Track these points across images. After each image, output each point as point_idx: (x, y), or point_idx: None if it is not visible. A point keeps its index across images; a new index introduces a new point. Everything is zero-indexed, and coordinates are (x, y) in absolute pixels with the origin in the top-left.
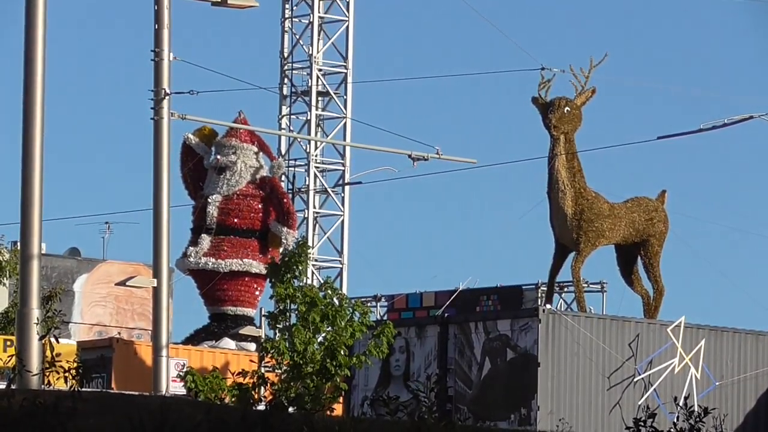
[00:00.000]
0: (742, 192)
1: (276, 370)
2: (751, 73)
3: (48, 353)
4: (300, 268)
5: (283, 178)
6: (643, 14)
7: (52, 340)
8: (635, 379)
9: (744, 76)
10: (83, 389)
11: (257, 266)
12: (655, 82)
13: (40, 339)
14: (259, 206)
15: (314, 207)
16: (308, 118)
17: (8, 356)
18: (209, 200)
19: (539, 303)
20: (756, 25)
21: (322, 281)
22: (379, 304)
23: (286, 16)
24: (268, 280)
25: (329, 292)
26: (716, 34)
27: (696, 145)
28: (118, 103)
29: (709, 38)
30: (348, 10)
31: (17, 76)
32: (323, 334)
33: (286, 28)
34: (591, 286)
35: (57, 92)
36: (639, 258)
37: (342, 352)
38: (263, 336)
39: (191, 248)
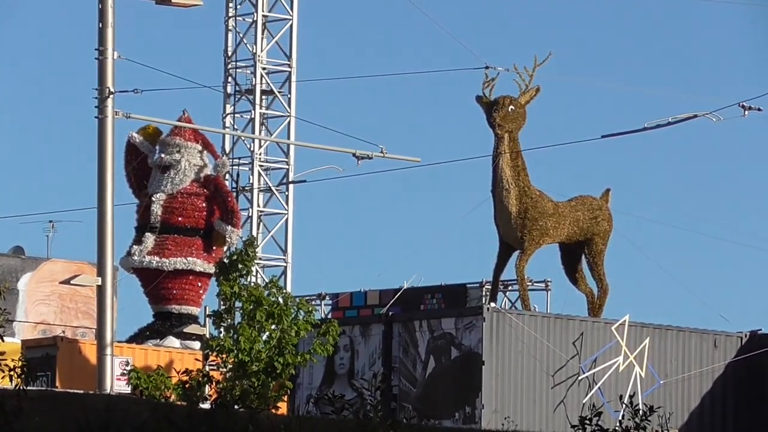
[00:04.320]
0: (686, 190)
1: (221, 369)
2: (695, 72)
3: None
4: (247, 266)
5: (228, 176)
6: (587, 13)
7: None
8: (579, 378)
9: (688, 74)
10: (28, 388)
11: (201, 265)
12: (600, 81)
13: None
14: (204, 205)
15: (258, 206)
16: (252, 116)
17: None
18: (153, 199)
19: (484, 301)
20: (701, 23)
21: (266, 280)
22: (323, 302)
23: (230, 14)
24: (213, 278)
25: (274, 290)
26: (660, 33)
27: (640, 144)
28: (62, 101)
29: (652, 36)
30: (292, 9)
31: None
32: (268, 333)
33: (230, 27)
34: (535, 284)
35: (0, 91)
36: (583, 256)
37: (288, 350)
38: (208, 334)
39: (135, 247)
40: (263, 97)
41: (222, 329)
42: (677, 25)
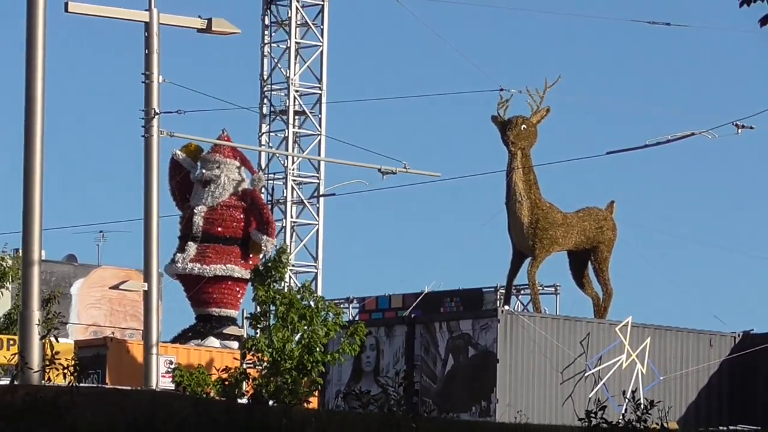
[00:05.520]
0: (684, 201)
1: (257, 366)
2: (692, 93)
3: (48, 351)
4: (280, 272)
5: (263, 190)
6: (593, 39)
7: (52, 339)
8: (586, 374)
9: (686, 95)
10: (80, 385)
11: (239, 271)
12: (606, 101)
13: (41, 338)
14: (241, 216)
15: (291, 217)
16: (286, 135)
17: (11, 354)
18: (195, 211)
19: (498, 304)
20: (699, 51)
21: (299, 285)
22: (351, 305)
23: (266, 41)
24: (250, 283)
25: (306, 294)
26: (660, 57)
27: (642, 160)
28: (111, 122)
29: (654, 60)
30: (322, 36)
31: (19, 97)
32: (300, 333)
33: (265, 53)
34: (545, 288)
35: (56, 111)
36: (589, 263)
37: (318, 349)
38: (245, 335)
39: (179, 255)
40: (296, 117)
41: (258, 330)
42: (676, 49)
